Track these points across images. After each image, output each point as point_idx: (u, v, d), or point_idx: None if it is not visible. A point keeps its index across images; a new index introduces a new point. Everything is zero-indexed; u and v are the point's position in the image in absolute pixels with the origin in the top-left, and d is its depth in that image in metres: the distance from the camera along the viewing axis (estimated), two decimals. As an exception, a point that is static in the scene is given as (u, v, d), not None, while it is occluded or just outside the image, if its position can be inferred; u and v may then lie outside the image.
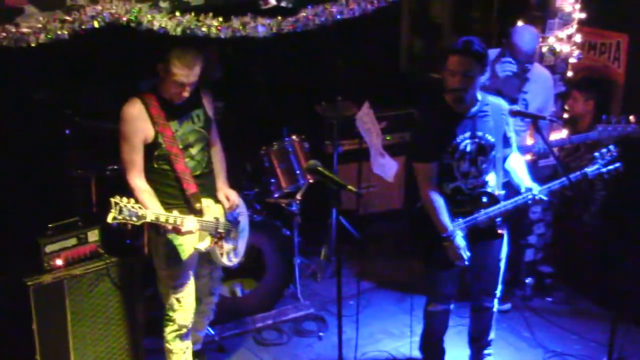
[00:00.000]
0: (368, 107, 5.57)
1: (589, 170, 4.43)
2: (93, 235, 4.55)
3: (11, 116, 5.28)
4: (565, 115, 5.72)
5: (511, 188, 4.51)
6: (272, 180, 5.49)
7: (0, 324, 4.50)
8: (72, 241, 4.48)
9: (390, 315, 5.61)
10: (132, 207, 3.84)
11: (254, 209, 5.40)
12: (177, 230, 4.12)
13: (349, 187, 3.68)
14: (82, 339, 4.52)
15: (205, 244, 4.30)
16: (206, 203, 4.31)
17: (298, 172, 5.50)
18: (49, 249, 4.39)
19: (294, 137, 5.58)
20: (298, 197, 5.61)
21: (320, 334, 5.36)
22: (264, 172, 5.51)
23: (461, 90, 4.17)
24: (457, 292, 4.66)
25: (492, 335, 4.84)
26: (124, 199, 3.83)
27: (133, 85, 4.33)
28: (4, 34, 3.61)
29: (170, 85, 4.06)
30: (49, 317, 4.38)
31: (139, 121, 4.07)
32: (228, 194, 4.47)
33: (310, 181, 5.52)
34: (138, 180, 4.10)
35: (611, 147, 4.47)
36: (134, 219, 3.85)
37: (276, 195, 5.54)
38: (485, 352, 4.87)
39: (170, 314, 4.40)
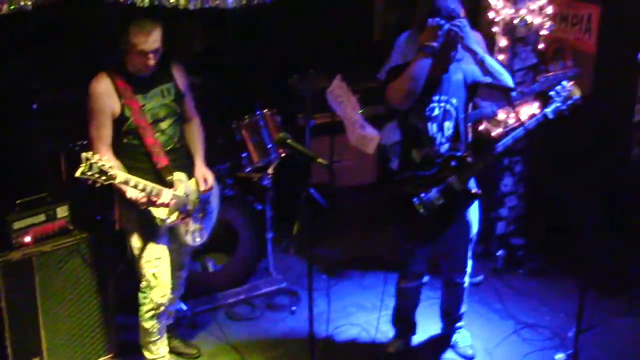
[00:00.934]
0: (340, 80, 5.52)
1: (548, 110, 4.22)
2: (62, 211, 4.50)
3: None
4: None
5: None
6: (244, 155, 5.44)
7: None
8: (41, 217, 4.43)
9: (362, 289, 5.62)
10: (103, 165, 3.78)
11: (225, 183, 5.36)
12: (151, 202, 4.08)
13: (319, 159, 3.66)
14: (53, 316, 4.48)
15: (171, 218, 4.25)
16: (178, 177, 4.26)
17: (270, 146, 5.45)
18: (16, 225, 4.34)
19: (265, 110, 5.52)
20: (270, 171, 5.57)
21: (293, 308, 5.37)
22: (236, 146, 5.46)
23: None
24: (430, 267, 4.66)
25: (463, 309, 4.87)
26: (96, 156, 3.78)
27: (100, 60, 4.26)
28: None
29: (134, 57, 4.01)
30: (18, 295, 4.34)
31: (106, 97, 4.04)
32: (206, 176, 4.42)
33: (282, 155, 5.49)
34: (106, 156, 4.03)
35: (564, 82, 4.25)
36: (103, 177, 3.80)
37: (248, 170, 5.50)
38: (457, 325, 4.91)
39: (147, 291, 4.36)
